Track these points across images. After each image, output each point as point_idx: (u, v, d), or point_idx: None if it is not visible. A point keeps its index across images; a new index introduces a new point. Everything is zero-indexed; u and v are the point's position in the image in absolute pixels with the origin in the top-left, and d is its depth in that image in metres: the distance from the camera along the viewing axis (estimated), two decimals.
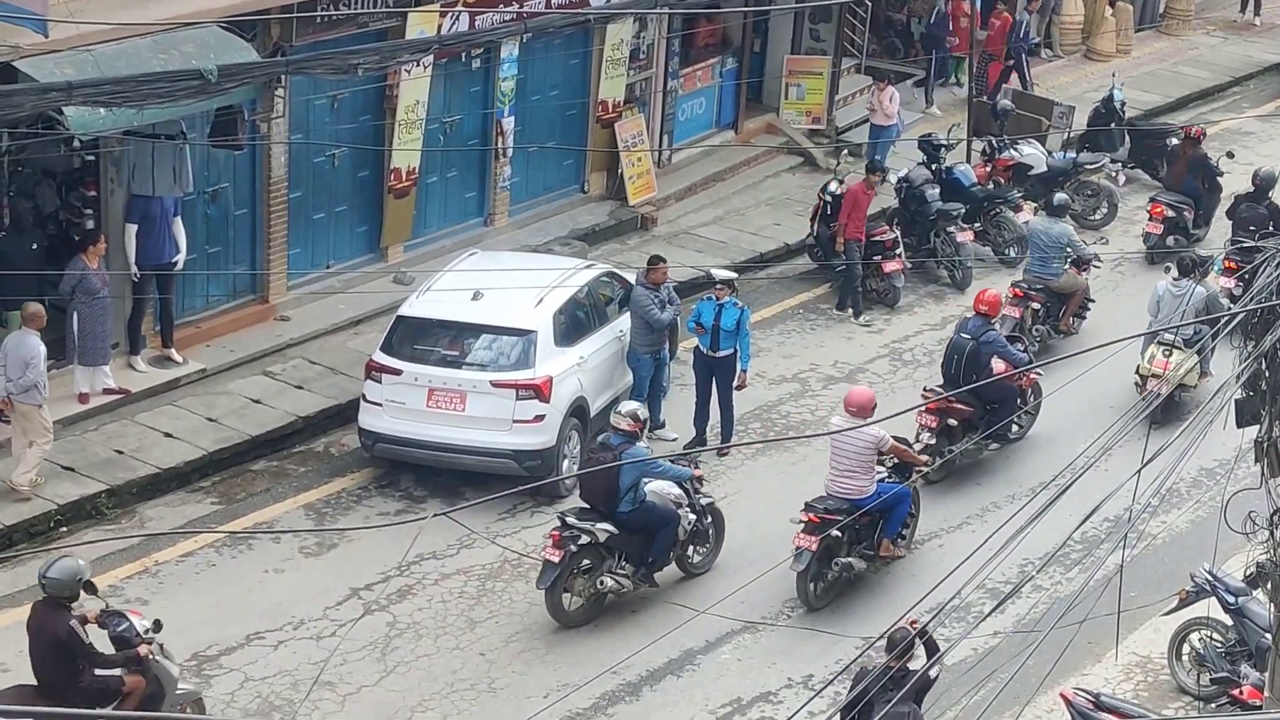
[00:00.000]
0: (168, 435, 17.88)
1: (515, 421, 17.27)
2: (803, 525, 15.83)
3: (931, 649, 13.29)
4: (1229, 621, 14.97)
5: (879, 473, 16.24)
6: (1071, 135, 26.74)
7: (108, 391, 18.13)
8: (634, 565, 15.77)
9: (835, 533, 15.70)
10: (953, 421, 18.10)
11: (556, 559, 15.38)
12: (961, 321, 19.09)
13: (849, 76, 28.15)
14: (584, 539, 15.44)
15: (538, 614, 15.83)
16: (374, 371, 17.57)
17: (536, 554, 16.46)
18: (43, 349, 16.54)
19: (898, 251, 22.32)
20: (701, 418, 18.73)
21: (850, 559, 16.12)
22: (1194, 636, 15.18)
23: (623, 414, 15.76)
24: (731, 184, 25.53)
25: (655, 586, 15.99)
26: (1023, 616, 15.86)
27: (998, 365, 18.15)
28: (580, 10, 21.88)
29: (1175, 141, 25.29)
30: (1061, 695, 14.16)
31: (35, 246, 17.37)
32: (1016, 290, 21.06)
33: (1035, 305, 21.04)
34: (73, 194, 18.70)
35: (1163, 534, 17.46)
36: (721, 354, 18.51)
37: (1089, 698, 14.03)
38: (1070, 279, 21.32)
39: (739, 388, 18.64)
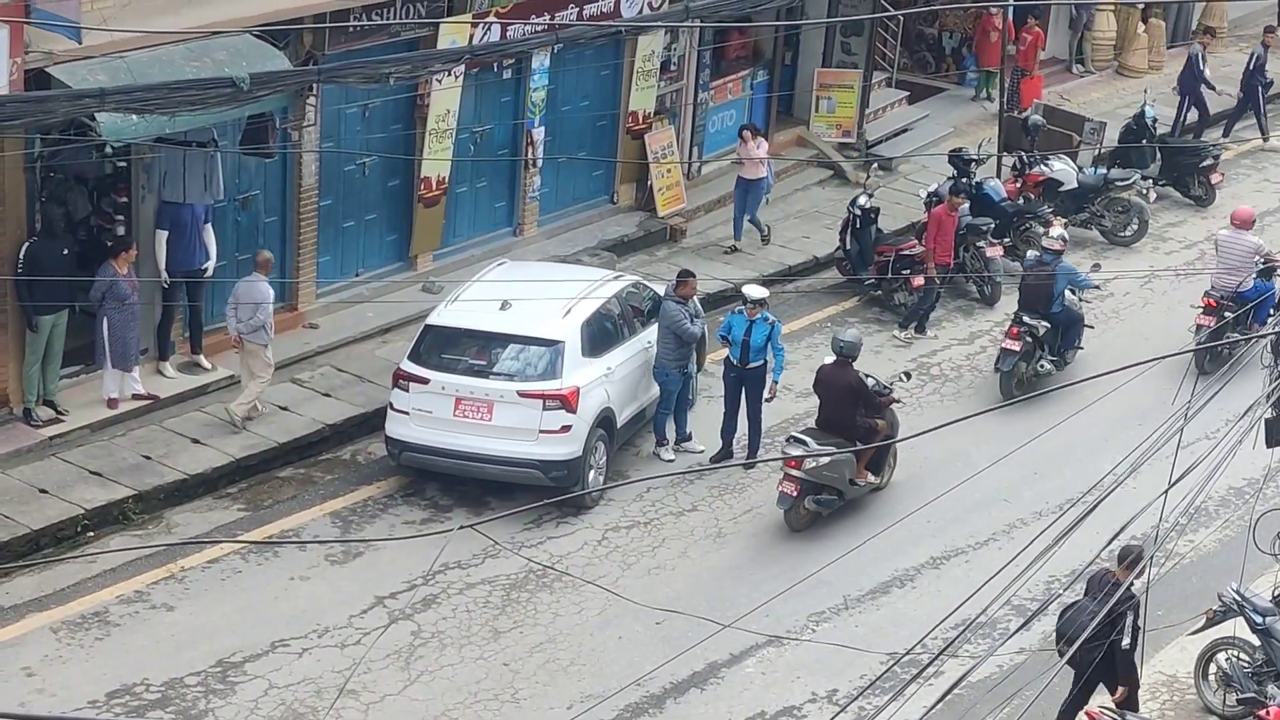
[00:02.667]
0: (195, 441, 17.93)
1: (542, 432, 17.29)
2: (1202, 309, 20.61)
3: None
4: (1256, 642, 14.89)
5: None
6: (1102, 151, 26.68)
7: (136, 397, 18.20)
8: (1055, 354, 20.61)
9: (1227, 315, 20.20)
10: None
11: (1016, 348, 20.08)
12: None
13: (880, 90, 28.14)
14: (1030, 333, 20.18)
15: (562, 625, 15.84)
16: (401, 380, 17.60)
17: (561, 565, 16.49)
18: (271, 293, 18.25)
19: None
20: (729, 430, 18.72)
21: (1234, 335, 20.13)
22: (1221, 656, 15.11)
23: (1053, 236, 21.12)
24: None
25: (1061, 371, 20.55)
26: (1049, 634, 15.81)
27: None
28: (612, 22, 21.92)
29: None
30: (1087, 713, 14.10)
31: (66, 252, 17.44)
32: None
33: None
34: (104, 200, 18.77)
35: (1190, 553, 17.38)
36: (752, 366, 18.51)
37: (1114, 716, 13.98)
38: None
39: (769, 399, 18.63)
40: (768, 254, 23.68)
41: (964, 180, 23.81)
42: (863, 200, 22.81)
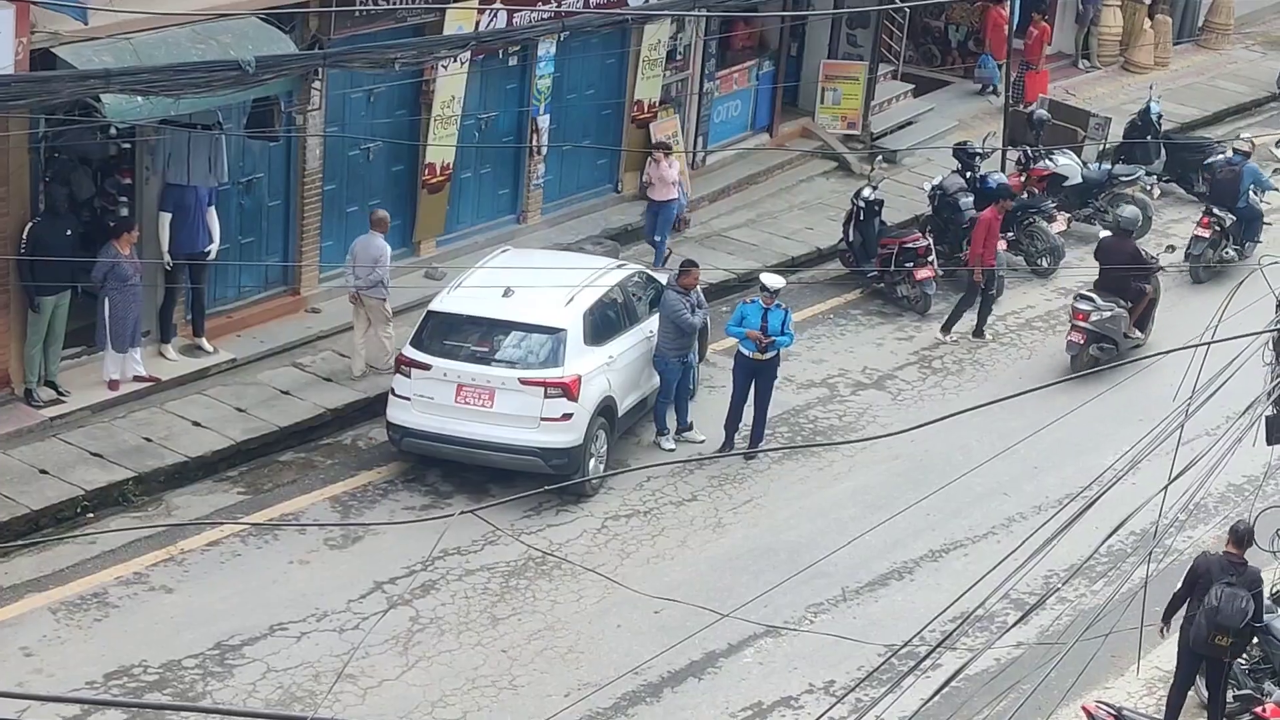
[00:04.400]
0: (196, 424, 17.94)
1: (543, 419, 17.29)
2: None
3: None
4: (1254, 639, 14.89)
5: None
6: (1107, 147, 26.66)
7: (138, 379, 18.21)
8: (1238, 244, 23.80)
9: None
10: None
11: (1206, 235, 23.43)
12: None
13: (885, 82, 28.12)
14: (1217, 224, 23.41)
15: (560, 612, 15.86)
16: (403, 366, 17.60)
17: (560, 553, 16.51)
18: (389, 249, 18.98)
19: (930, 259, 22.27)
20: (734, 421, 18.71)
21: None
22: None
23: (1244, 138, 25.07)
24: (765, 187, 25.52)
25: (1245, 260, 23.33)
26: (1046, 628, 15.85)
27: None
28: (618, 10, 21.90)
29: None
30: (1083, 708, 14.12)
31: (70, 233, 17.43)
32: None
33: None
34: (108, 181, 18.79)
35: (1189, 549, 17.37)
36: (766, 357, 18.53)
37: (1111, 711, 14.00)
38: None
39: (765, 343, 18.46)
40: (771, 244, 23.67)
41: (968, 174, 23.82)
42: (867, 192, 22.81)
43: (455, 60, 20.19)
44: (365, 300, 18.88)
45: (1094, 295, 21.08)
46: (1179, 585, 14.59)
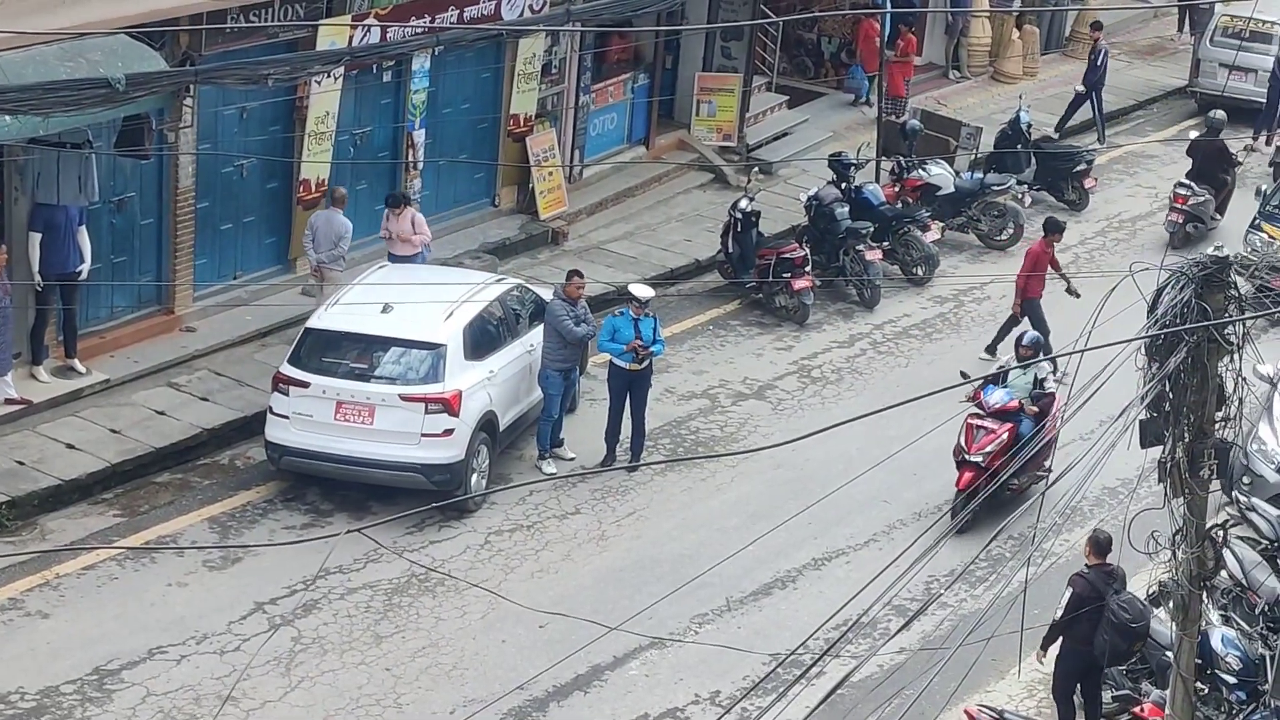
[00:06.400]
0: (70, 446, 17.67)
1: (424, 435, 17.21)
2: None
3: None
4: None
5: None
6: (979, 156, 26.98)
7: (9, 402, 17.92)
8: None
9: None
10: None
11: None
12: None
13: (760, 94, 28.30)
14: None
15: (445, 629, 15.78)
16: (281, 384, 17.45)
17: (443, 569, 16.43)
18: (350, 226, 19.77)
19: (807, 269, 22.43)
20: (613, 434, 18.73)
21: None
22: None
23: None
24: (643, 200, 25.58)
25: None
26: (929, 634, 15.99)
27: None
28: (492, 24, 21.88)
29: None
30: (966, 712, 14.27)
31: None
32: None
33: None
34: None
35: (1066, 553, 17.61)
36: (642, 368, 18.55)
37: (993, 714, 14.15)
38: None
39: (645, 353, 18.51)
40: (650, 257, 23.73)
41: (844, 185, 23.99)
42: (744, 204, 22.93)
43: (329, 76, 20.08)
44: (325, 274, 19.61)
45: (1190, 183, 25.46)
46: (1060, 612, 14.58)
